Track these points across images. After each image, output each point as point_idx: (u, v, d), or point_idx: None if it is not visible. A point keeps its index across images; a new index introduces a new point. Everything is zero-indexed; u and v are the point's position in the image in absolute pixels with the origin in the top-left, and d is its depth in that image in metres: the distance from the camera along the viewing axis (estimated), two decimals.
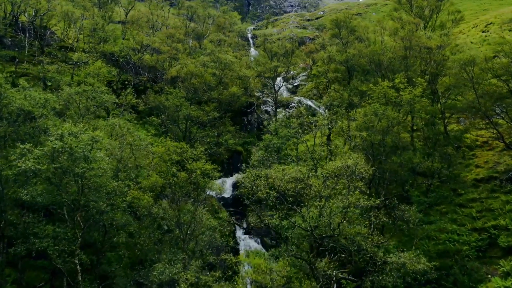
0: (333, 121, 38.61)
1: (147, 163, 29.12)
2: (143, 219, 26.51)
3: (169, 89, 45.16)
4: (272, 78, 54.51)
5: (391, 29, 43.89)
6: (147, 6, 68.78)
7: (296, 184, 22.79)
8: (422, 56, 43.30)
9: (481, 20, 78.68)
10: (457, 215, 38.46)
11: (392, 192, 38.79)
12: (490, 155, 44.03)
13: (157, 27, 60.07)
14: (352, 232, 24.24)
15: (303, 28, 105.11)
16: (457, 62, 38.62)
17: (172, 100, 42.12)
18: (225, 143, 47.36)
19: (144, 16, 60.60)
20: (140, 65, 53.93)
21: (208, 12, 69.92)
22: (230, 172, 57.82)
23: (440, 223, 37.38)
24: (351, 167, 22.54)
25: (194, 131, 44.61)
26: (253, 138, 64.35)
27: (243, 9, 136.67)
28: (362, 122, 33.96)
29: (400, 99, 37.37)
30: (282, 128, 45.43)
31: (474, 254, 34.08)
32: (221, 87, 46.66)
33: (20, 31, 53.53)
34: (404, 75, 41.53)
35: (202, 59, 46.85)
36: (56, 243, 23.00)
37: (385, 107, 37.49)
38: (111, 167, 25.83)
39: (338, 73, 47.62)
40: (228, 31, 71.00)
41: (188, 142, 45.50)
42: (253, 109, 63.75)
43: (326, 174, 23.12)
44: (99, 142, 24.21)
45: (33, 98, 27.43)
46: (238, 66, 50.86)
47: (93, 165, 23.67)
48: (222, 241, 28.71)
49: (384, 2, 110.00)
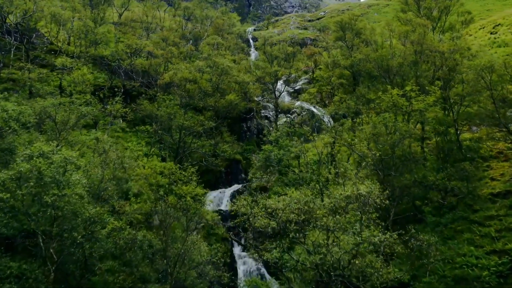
0: (338, 132, 35.49)
1: (132, 185, 25.89)
2: (125, 254, 23.17)
3: (162, 96, 42.05)
4: (272, 83, 51.34)
5: (401, 32, 40.70)
6: (142, 7, 65.68)
7: (299, 214, 19.66)
8: (433, 61, 40.13)
9: (489, 21, 75.70)
10: (474, 234, 35.15)
11: (402, 207, 35.67)
12: (506, 166, 40.64)
13: (152, 29, 56.92)
14: (364, 265, 21.09)
15: (304, 29, 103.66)
16: (474, 68, 35.46)
17: (164, 109, 38.95)
18: (223, 154, 44.17)
19: (138, 18, 57.37)
20: (133, 70, 50.83)
21: (205, 13, 66.78)
22: (228, 182, 54.61)
23: (456, 244, 34.21)
24: (364, 196, 19.41)
25: (188, 141, 41.46)
26: (252, 146, 61.11)
27: (244, 9, 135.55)
28: (370, 135, 30.85)
29: (411, 109, 34.26)
30: (284, 138, 42.34)
31: (495, 281, 30.81)
32: (217, 94, 43.49)
33: (6, 33, 50.44)
34: (415, 81, 38.42)
35: (197, 64, 43.66)
36: (22, 284, 19.77)
37: (395, 117, 34.41)
38: (89, 189, 22.66)
39: (343, 79, 44.42)
40: (227, 33, 67.81)
41: (182, 153, 42.47)
42: (252, 115, 60.59)
43: (333, 205, 19.92)
44: (74, 163, 21.01)
45: (5, 111, 24.33)
46: (236, 71, 47.69)
47: (66, 191, 20.52)
48: (214, 275, 25.38)
49: (386, 3, 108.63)
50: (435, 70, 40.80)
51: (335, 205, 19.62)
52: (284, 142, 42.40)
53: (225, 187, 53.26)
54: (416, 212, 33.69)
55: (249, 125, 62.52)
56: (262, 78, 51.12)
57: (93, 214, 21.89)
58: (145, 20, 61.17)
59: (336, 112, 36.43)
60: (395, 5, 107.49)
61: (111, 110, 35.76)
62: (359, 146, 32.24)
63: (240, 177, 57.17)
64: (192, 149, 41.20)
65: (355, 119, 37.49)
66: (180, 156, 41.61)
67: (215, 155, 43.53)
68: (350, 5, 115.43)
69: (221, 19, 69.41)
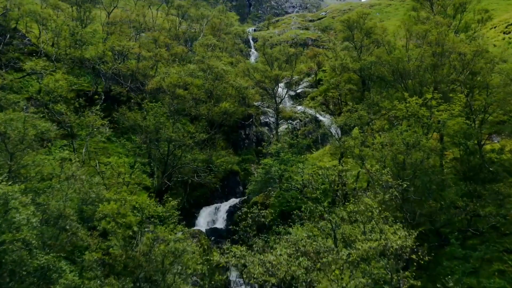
0: (347, 147, 30.81)
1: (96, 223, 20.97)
2: None
3: (149, 104, 37.27)
4: (272, 88, 46.50)
5: (419, 32, 35.84)
6: (132, 5, 60.81)
7: (308, 270, 14.95)
8: (453, 65, 35.32)
9: (500, 20, 70.86)
10: (504, 264, 30.41)
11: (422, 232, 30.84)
12: None
13: (143, 29, 52.01)
14: None
15: (305, 29, 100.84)
16: (507, 74, 30.68)
17: (150, 120, 34.12)
18: (218, 168, 39.30)
19: (128, 17, 52.45)
20: (120, 74, 46.09)
21: (201, 12, 61.91)
22: (225, 196, 49.75)
23: (485, 277, 29.36)
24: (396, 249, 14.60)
25: (178, 154, 36.66)
26: (251, 155, 56.24)
27: (244, 9, 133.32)
28: (389, 153, 26.06)
29: (432, 120, 29.47)
30: (285, 151, 37.58)
31: None
32: (211, 102, 38.68)
33: None
34: (434, 87, 33.59)
35: (189, 67, 38.81)
36: None
37: (414, 129, 29.60)
38: (41, 229, 17.87)
39: (352, 84, 39.55)
40: (224, 33, 62.97)
41: (171, 169, 37.72)
42: (251, 121, 55.77)
43: (353, 258, 15.12)
44: (17, 199, 16.20)
45: None
46: (233, 75, 42.86)
47: (6, 236, 15.75)
48: None
49: (388, 2, 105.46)
50: (457, 75, 35.96)
51: (355, 260, 14.91)
52: (286, 155, 37.71)
53: (221, 201, 48.44)
54: (440, 241, 28.87)
55: (247, 132, 57.64)
56: (262, 82, 46.26)
57: (45, 262, 17.11)
58: (136, 19, 56.37)
59: (346, 124, 31.56)
60: (397, 5, 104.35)
61: (88, 121, 30.88)
62: (370, 163, 27.52)
63: (237, 190, 52.32)
64: (182, 164, 36.41)
65: (363, 129, 32.69)
66: (169, 171, 36.91)
67: (208, 168, 38.74)
68: (351, 5, 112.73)
69: (218, 18, 64.52)
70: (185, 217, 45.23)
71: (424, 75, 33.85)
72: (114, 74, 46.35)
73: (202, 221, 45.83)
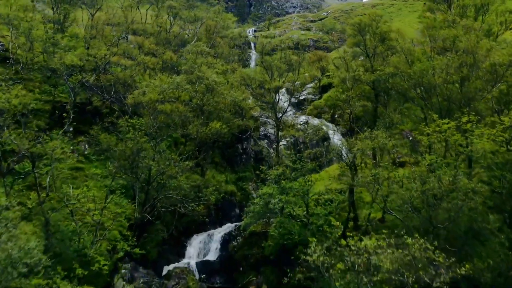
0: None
1: None
2: None
3: (129, 120, 31.53)
4: (272, 102, 40.79)
5: (446, 38, 30.06)
6: (118, 7, 55.03)
7: None
8: (487, 78, 29.60)
9: None
10: None
11: None
12: None
13: (127, 32, 46.22)
14: None
15: (306, 29, 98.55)
16: None
17: (125, 146, 28.43)
18: (209, 197, 33.58)
19: (112, 19, 46.66)
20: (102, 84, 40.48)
21: (194, 13, 56.18)
22: (219, 220, 43.95)
23: None
24: None
25: (161, 182, 30.84)
26: (249, 172, 50.45)
27: (245, 9, 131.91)
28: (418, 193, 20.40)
29: (470, 150, 23.75)
30: (287, 175, 31.87)
31: None
32: (200, 119, 32.98)
33: None
34: (465, 104, 28.00)
35: (174, 80, 33.06)
36: None
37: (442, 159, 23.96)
38: None
39: (366, 100, 33.74)
40: (220, 36, 57.29)
41: (152, 201, 32.00)
42: (249, 134, 50.05)
43: None
44: None
45: None
46: (228, 86, 37.15)
47: None
48: None
49: (390, 2, 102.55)
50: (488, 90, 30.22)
51: None
52: (288, 184, 32.05)
53: (214, 227, 42.68)
54: None
55: (245, 146, 51.87)
56: (261, 95, 40.66)
57: None
58: (123, 22, 50.68)
59: (362, 150, 25.81)
60: (399, 5, 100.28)
61: (52, 147, 25.14)
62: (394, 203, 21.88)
63: (233, 213, 46.57)
64: (166, 194, 30.70)
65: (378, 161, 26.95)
66: (150, 203, 31.22)
67: (197, 197, 33.03)
68: (353, 5, 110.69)
69: (213, 20, 58.78)
70: (173, 247, 39.72)
71: (452, 90, 28.14)
72: (93, 85, 40.75)
73: (193, 251, 40.13)
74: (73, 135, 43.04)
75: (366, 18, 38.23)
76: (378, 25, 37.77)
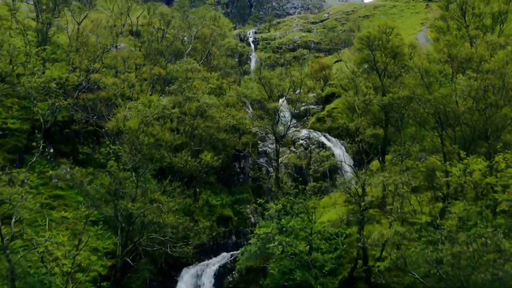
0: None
1: None
2: None
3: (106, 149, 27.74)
4: (272, 126, 36.94)
5: (470, 58, 26.04)
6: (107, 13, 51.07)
7: None
8: None
9: None
10: None
11: None
12: None
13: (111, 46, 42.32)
14: None
15: (307, 31, 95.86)
16: None
17: (101, 185, 24.61)
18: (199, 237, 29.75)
19: (94, 30, 42.72)
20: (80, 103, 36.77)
21: (188, 22, 52.24)
22: (213, 250, 40.54)
23: None
24: None
25: (142, 222, 26.77)
26: (247, 194, 47.01)
27: (245, 10, 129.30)
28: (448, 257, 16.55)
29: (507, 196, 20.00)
30: (287, 216, 28.09)
31: None
32: (187, 150, 29.13)
33: None
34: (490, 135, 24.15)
35: (160, 103, 29.20)
36: None
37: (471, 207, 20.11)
38: None
39: (378, 127, 29.77)
40: (216, 46, 53.39)
41: (131, 246, 28.13)
42: (247, 152, 46.32)
43: None
44: None
45: None
46: (221, 107, 33.30)
47: None
48: None
49: (392, 4, 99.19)
50: None
51: None
52: (290, 223, 28.28)
53: (208, 257, 39.13)
54: None
55: (242, 165, 48.20)
56: (259, 116, 36.94)
57: None
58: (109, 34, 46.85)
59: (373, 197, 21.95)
60: (402, 6, 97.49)
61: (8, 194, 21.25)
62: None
63: (230, 240, 43.19)
64: (149, 235, 26.90)
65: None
66: (129, 247, 27.34)
67: (184, 238, 29.18)
68: (355, 6, 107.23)
69: (208, 28, 54.86)
70: (162, 283, 36.03)
71: (479, 120, 24.23)
72: (74, 104, 37.05)
73: (184, 287, 36.65)
74: (53, 157, 39.86)
75: (376, 31, 34.28)
76: (389, 38, 33.82)
